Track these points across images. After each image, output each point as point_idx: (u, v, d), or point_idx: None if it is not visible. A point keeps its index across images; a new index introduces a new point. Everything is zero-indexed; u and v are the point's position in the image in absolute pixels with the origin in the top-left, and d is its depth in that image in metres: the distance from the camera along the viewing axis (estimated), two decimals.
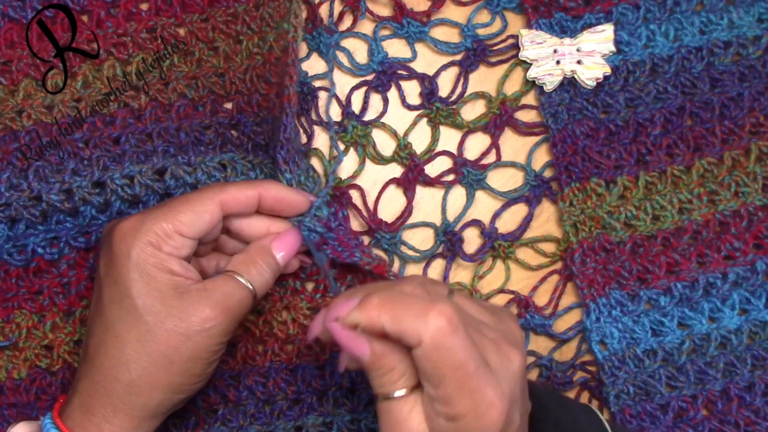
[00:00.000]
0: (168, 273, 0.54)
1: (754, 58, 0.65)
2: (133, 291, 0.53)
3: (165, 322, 0.53)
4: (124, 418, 0.53)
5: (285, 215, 0.59)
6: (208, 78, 0.64)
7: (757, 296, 0.62)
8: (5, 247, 0.62)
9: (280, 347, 0.62)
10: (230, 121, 0.63)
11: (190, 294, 0.54)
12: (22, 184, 0.61)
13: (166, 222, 0.54)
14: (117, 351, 0.53)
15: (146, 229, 0.54)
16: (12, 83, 0.63)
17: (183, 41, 0.64)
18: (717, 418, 0.61)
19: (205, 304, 0.53)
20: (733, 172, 0.64)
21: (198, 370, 0.54)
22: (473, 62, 0.66)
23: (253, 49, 0.64)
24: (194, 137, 0.63)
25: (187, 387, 0.54)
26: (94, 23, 0.64)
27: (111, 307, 0.54)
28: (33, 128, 0.62)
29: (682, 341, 0.62)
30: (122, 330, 0.53)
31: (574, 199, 0.63)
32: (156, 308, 0.53)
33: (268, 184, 0.58)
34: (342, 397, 0.61)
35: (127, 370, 0.53)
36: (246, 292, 0.56)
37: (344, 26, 0.66)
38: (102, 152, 0.62)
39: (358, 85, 0.66)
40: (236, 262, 0.57)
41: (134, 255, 0.53)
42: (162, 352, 0.53)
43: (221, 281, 0.55)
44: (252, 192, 0.57)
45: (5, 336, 0.61)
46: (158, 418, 0.55)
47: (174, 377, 0.53)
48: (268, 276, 0.57)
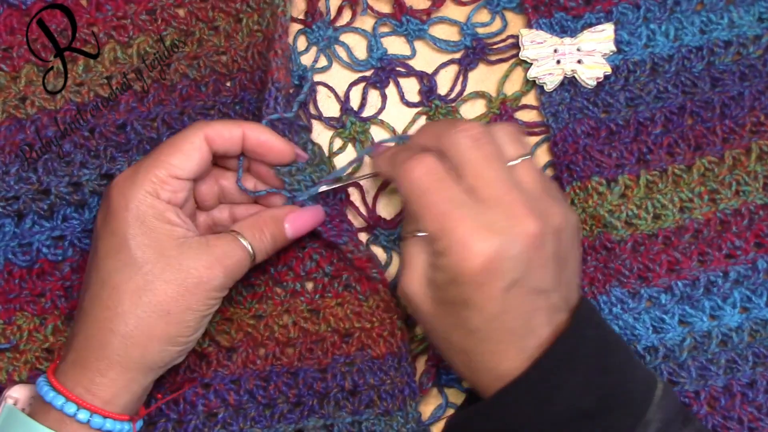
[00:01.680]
0: (167, 223, 0.54)
1: (754, 57, 0.65)
2: (131, 242, 0.54)
3: (164, 273, 0.53)
4: (119, 370, 0.53)
5: (268, 161, 0.59)
6: (210, 57, 0.64)
7: (759, 294, 0.62)
8: (10, 246, 0.62)
9: (281, 351, 0.61)
10: (233, 99, 0.63)
11: (190, 246, 0.54)
12: (31, 177, 0.61)
13: (159, 168, 0.55)
14: (113, 302, 0.53)
15: (142, 179, 0.54)
16: (13, 70, 0.63)
17: (182, 41, 0.64)
18: (720, 414, 0.60)
19: (206, 258, 0.54)
20: (733, 171, 0.64)
21: (193, 322, 0.55)
22: (472, 61, 0.66)
23: (253, 26, 0.64)
24: (198, 119, 0.63)
25: (182, 339, 0.55)
26: (94, 7, 0.64)
27: (107, 259, 0.54)
28: (37, 116, 0.62)
29: (683, 338, 0.62)
30: (119, 281, 0.53)
31: (575, 198, 0.63)
32: (155, 259, 0.53)
33: (254, 125, 0.58)
34: (343, 399, 0.61)
35: (124, 322, 0.53)
36: (246, 254, 0.56)
37: (343, 21, 0.66)
38: (107, 142, 0.62)
39: (357, 81, 0.66)
40: (244, 225, 0.58)
41: (133, 207, 0.54)
42: (159, 303, 0.53)
43: (224, 239, 0.56)
44: (237, 129, 0.57)
45: (6, 338, 0.61)
46: (153, 373, 0.55)
47: (170, 328, 0.54)
48: (269, 246, 0.58)
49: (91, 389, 0.53)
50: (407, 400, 0.61)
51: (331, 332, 0.62)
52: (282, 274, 0.62)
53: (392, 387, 0.61)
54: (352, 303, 0.62)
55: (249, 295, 0.62)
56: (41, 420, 0.53)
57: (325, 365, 0.61)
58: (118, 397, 0.54)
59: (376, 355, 0.61)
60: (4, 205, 0.61)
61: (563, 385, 0.51)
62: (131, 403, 0.55)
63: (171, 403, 0.61)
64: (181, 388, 0.61)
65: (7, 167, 0.61)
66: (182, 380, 0.61)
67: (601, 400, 0.52)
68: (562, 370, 0.52)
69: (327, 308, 0.62)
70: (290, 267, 0.62)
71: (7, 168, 0.61)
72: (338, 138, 0.66)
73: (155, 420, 0.60)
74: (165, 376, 0.59)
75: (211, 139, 0.56)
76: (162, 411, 0.61)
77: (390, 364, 0.61)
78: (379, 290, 0.62)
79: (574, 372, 0.52)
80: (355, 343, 0.61)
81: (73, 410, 0.53)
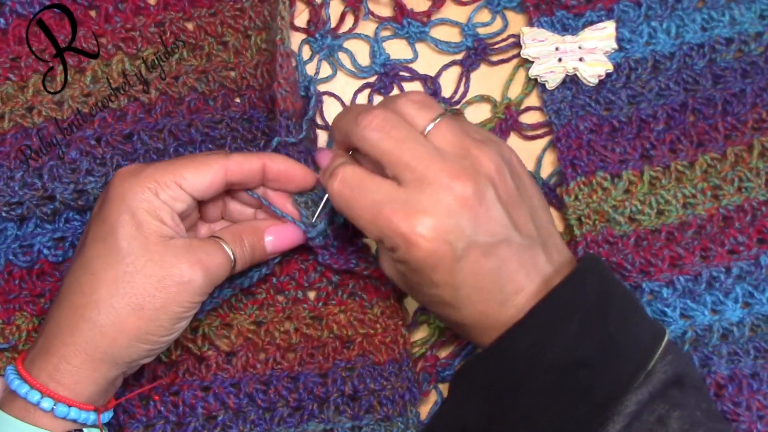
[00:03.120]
0: (158, 221, 0.54)
1: (755, 54, 0.65)
2: (119, 231, 0.54)
3: (145, 268, 0.53)
4: (84, 359, 0.53)
5: (289, 189, 0.59)
6: (219, 72, 0.64)
7: (761, 290, 0.62)
8: (12, 247, 0.62)
9: (282, 355, 0.62)
10: (242, 115, 0.64)
11: (175, 246, 0.54)
12: (36, 183, 0.61)
13: (167, 172, 0.55)
14: (90, 288, 0.53)
15: (147, 174, 0.55)
16: (21, 80, 0.63)
17: (182, 40, 0.64)
18: (729, 401, 0.60)
19: (187, 258, 0.54)
20: (736, 168, 0.64)
21: (167, 321, 0.54)
22: (474, 61, 0.67)
23: (261, 44, 0.65)
24: (205, 133, 0.63)
25: (152, 338, 0.54)
26: (102, 18, 0.64)
27: (93, 245, 0.54)
28: (44, 125, 0.63)
29: (684, 331, 0.62)
30: (99, 269, 0.54)
31: (579, 193, 0.63)
32: (139, 252, 0.53)
33: (274, 155, 0.59)
34: (343, 404, 0.61)
35: (97, 309, 0.53)
36: (227, 258, 0.57)
37: (345, 27, 0.67)
38: (114, 150, 0.62)
39: (361, 88, 0.67)
40: (225, 231, 0.58)
41: (129, 197, 0.54)
42: (135, 296, 0.53)
43: (206, 242, 0.56)
44: (257, 162, 0.57)
45: (5, 338, 0.61)
46: (118, 368, 0.55)
47: (142, 324, 0.54)
48: (248, 255, 0.58)
49: (55, 376, 0.53)
50: (408, 405, 0.61)
51: (333, 338, 0.62)
52: (284, 284, 0.62)
53: (393, 392, 0.61)
54: (356, 310, 0.62)
55: (249, 302, 0.62)
56: (7, 410, 0.53)
57: (325, 370, 0.62)
58: (80, 386, 0.53)
59: (377, 360, 0.61)
60: (7, 210, 0.61)
61: (559, 333, 0.51)
62: (95, 394, 0.54)
63: (170, 405, 0.61)
64: (181, 389, 0.61)
65: (12, 172, 0.61)
66: (181, 383, 0.61)
67: (600, 349, 0.51)
68: (559, 318, 0.51)
69: (330, 315, 0.62)
70: (293, 277, 0.62)
71: (12, 173, 0.61)
72: None
73: (154, 422, 0.61)
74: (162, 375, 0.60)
75: (231, 171, 0.57)
76: (161, 413, 0.61)
77: (391, 369, 0.61)
78: (389, 296, 0.62)
79: (571, 320, 0.51)
80: (356, 348, 0.62)
81: (36, 398, 0.52)
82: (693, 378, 0.54)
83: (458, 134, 0.53)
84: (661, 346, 0.52)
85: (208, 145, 0.63)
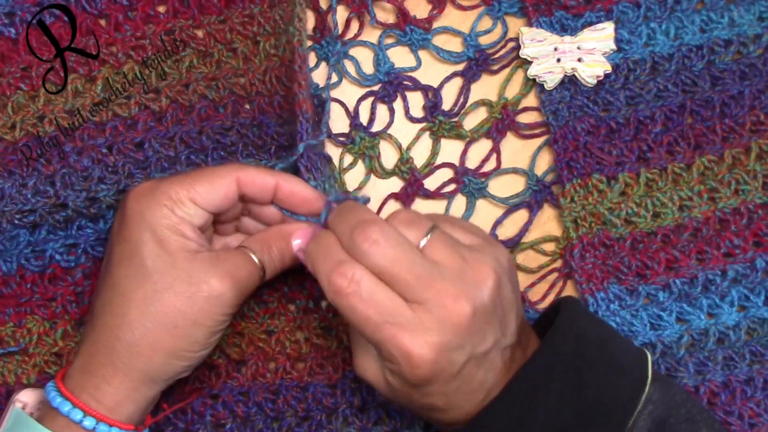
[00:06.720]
0: (180, 236, 0.54)
1: (754, 56, 0.65)
2: (144, 250, 0.53)
3: (173, 285, 0.53)
4: (123, 379, 0.53)
5: (299, 212, 0.58)
6: (228, 79, 0.64)
7: (756, 293, 0.63)
8: (24, 252, 0.62)
9: (292, 365, 0.61)
10: (252, 121, 0.63)
11: (201, 260, 0.54)
12: (48, 191, 0.61)
13: (181, 189, 0.54)
14: (121, 310, 0.53)
15: (161, 191, 0.54)
16: (32, 89, 0.63)
17: (184, 41, 0.64)
18: (721, 410, 0.61)
19: (215, 272, 0.54)
20: (733, 170, 0.64)
21: (201, 337, 0.54)
22: (476, 72, 0.66)
23: (270, 50, 0.64)
24: (216, 140, 0.63)
25: (188, 354, 0.54)
26: (112, 26, 0.64)
27: (120, 265, 0.54)
28: (54, 134, 0.62)
29: (680, 335, 0.62)
30: (129, 289, 0.53)
31: (575, 196, 0.63)
32: (165, 269, 0.53)
33: (288, 176, 0.58)
34: (352, 415, 0.61)
35: (130, 330, 0.53)
36: (256, 268, 0.56)
37: (351, 33, 0.66)
38: (126, 158, 0.62)
39: (365, 96, 0.66)
40: (252, 240, 0.57)
41: (147, 215, 0.53)
42: (167, 314, 0.53)
43: (234, 253, 0.56)
44: (270, 179, 0.57)
45: (16, 341, 0.61)
46: (158, 385, 0.55)
47: (177, 341, 0.53)
48: (278, 262, 0.57)
49: (96, 396, 0.53)
50: (415, 417, 0.61)
51: (342, 349, 0.61)
52: (295, 293, 0.62)
53: None
54: None
55: (261, 311, 0.62)
56: (48, 425, 0.53)
57: (335, 381, 0.61)
58: (121, 406, 0.54)
59: None
60: (20, 217, 0.61)
61: (538, 404, 0.51)
62: (135, 413, 0.54)
63: (179, 413, 0.61)
64: (188, 398, 0.61)
65: (24, 180, 0.61)
66: (190, 390, 0.61)
67: (579, 415, 0.52)
68: (535, 390, 0.52)
69: (340, 326, 0.62)
70: (304, 287, 0.62)
71: (24, 181, 0.61)
72: (348, 154, 0.66)
73: (162, 428, 0.61)
74: (173, 386, 0.59)
75: (243, 183, 0.56)
76: (170, 420, 0.61)
77: None
78: None
79: (548, 391, 0.52)
80: None
81: (79, 417, 0.53)
82: (680, 414, 0.54)
83: (454, 247, 0.52)
84: (642, 398, 0.53)
85: (219, 152, 0.62)
